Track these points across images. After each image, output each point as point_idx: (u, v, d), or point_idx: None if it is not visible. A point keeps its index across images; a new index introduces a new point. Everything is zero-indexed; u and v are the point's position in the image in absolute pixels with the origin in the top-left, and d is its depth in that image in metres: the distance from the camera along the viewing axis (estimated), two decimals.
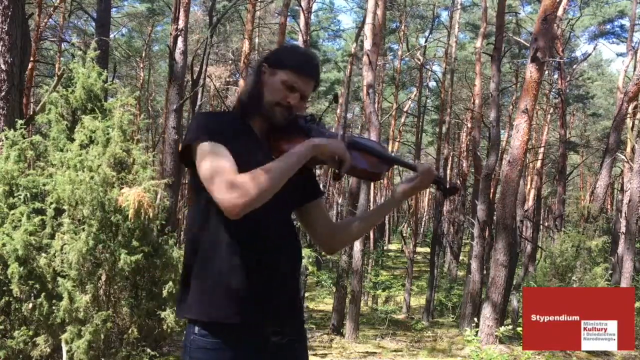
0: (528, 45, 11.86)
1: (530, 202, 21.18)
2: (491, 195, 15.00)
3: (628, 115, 14.68)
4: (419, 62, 24.11)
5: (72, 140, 4.58)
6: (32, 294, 4.26)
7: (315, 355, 8.49)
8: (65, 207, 4.30)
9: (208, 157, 1.54)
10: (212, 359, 1.57)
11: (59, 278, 4.18)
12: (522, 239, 17.84)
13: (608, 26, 24.22)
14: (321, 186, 1.93)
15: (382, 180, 24.03)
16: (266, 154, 1.65)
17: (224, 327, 1.57)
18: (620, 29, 24.10)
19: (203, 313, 1.58)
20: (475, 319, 9.45)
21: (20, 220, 4.27)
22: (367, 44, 11.41)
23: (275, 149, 1.67)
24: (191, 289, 1.61)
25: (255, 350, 1.60)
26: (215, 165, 1.51)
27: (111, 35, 20.08)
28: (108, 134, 4.45)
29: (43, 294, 4.20)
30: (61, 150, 4.57)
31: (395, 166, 1.98)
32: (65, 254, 4.18)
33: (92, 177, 4.20)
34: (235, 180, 1.48)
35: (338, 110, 23.08)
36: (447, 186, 1.89)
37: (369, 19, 11.49)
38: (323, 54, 29.33)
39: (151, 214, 4.25)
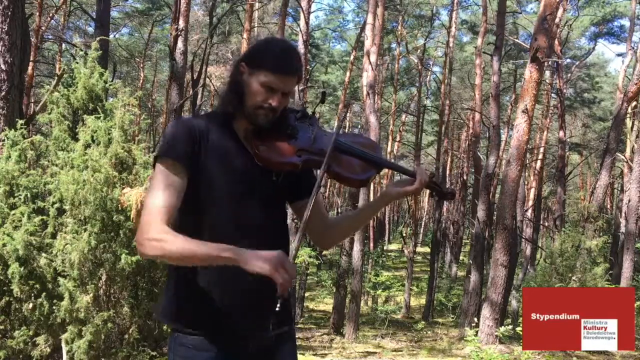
0: (527, 45, 11.86)
1: (530, 202, 21.18)
2: (491, 195, 15.00)
3: (628, 116, 14.69)
4: (418, 62, 24.11)
5: (75, 139, 4.57)
6: (33, 294, 4.26)
7: (315, 354, 8.49)
8: (67, 207, 4.29)
9: (152, 187, 1.56)
10: (195, 356, 1.58)
11: (59, 278, 4.18)
12: (522, 239, 17.84)
13: (607, 26, 24.21)
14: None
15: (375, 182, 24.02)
16: (248, 158, 1.63)
17: (202, 328, 1.59)
18: (619, 29, 24.11)
19: (172, 320, 1.64)
20: (475, 319, 9.45)
21: (20, 220, 4.26)
22: (367, 44, 11.42)
23: (255, 154, 1.62)
24: (165, 293, 1.68)
25: (237, 349, 1.60)
26: (151, 199, 1.54)
27: (111, 36, 20.10)
28: (109, 134, 4.45)
29: (43, 294, 4.19)
30: (63, 150, 4.56)
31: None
32: (66, 254, 4.18)
33: (95, 177, 4.20)
34: (150, 229, 1.49)
35: (338, 112, 23.08)
36: (443, 191, 1.82)
37: (369, 19, 11.51)
38: (329, 56, 29.32)
39: None
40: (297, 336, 1.83)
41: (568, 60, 23.79)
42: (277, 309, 1.41)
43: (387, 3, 16.51)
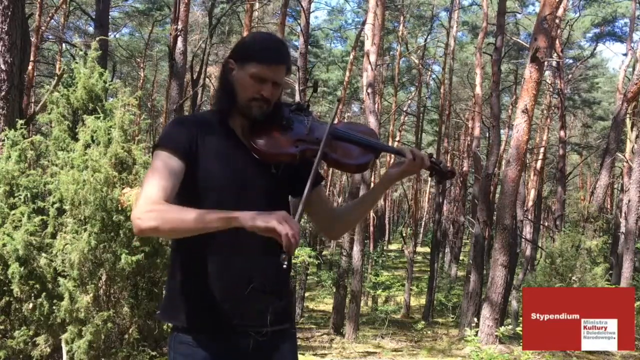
0: (527, 45, 11.85)
1: (530, 202, 21.17)
2: (491, 195, 15.00)
3: (627, 116, 14.69)
4: (419, 62, 24.12)
5: (75, 139, 4.57)
6: (33, 294, 4.26)
7: (315, 355, 8.50)
8: (67, 207, 4.29)
9: (150, 171, 1.56)
10: (195, 354, 1.59)
11: (59, 278, 4.17)
12: (522, 239, 17.85)
13: (609, 27, 24.17)
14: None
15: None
16: (246, 153, 1.63)
17: (202, 326, 1.60)
18: (620, 30, 24.08)
19: (171, 317, 1.65)
20: (475, 319, 9.45)
21: (20, 220, 4.26)
22: (367, 44, 11.43)
23: (253, 148, 1.63)
24: (165, 292, 1.70)
25: (237, 346, 1.60)
26: (148, 181, 1.53)
27: (111, 36, 20.10)
28: (109, 134, 4.45)
29: (43, 294, 4.19)
30: (63, 150, 4.56)
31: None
32: (66, 253, 4.18)
33: (95, 177, 4.20)
34: (146, 203, 1.47)
35: (338, 112, 23.09)
36: (443, 170, 1.82)
37: (369, 19, 11.51)
38: (330, 55, 29.30)
39: None
40: (297, 336, 1.83)
41: (568, 60, 23.76)
42: (284, 265, 1.38)
43: (387, 3, 16.50)
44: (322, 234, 1.94)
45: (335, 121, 1.81)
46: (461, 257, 26.04)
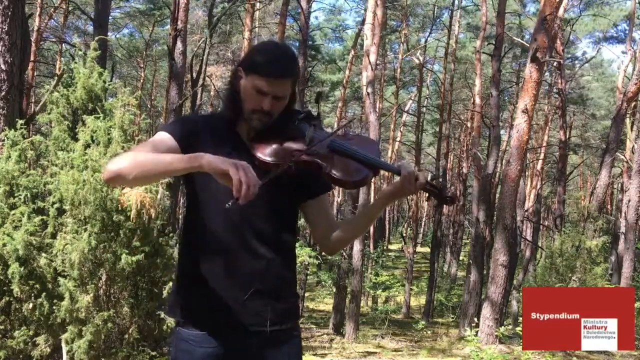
0: (528, 45, 11.85)
1: (530, 202, 21.17)
2: (491, 195, 15.00)
3: (627, 115, 14.69)
4: (419, 62, 24.12)
5: (75, 139, 4.58)
6: (33, 294, 4.26)
7: (315, 354, 8.50)
8: (67, 207, 4.29)
9: (142, 143, 1.60)
10: (195, 351, 1.61)
11: (60, 278, 4.18)
12: (522, 239, 17.85)
13: (612, 30, 24.10)
14: None
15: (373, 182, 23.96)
16: (248, 159, 1.60)
17: (200, 323, 1.62)
18: (624, 33, 24.00)
19: (174, 314, 1.69)
20: (475, 319, 9.45)
21: (20, 220, 4.27)
22: (367, 43, 11.43)
23: (253, 154, 1.62)
24: (172, 288, 1.73)
25: (236, 345, 1.62)
26: (136, 148, 1.57)
27: (112, 36, 20.10)
28: (109, 134, 4.45)
29: (43, 294, 4.19)
30: (63, 150, 4.56)
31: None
32: (66, 254, 4.18)
33: (95, 177, 4.20)
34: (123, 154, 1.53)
35: (338, 111, 23.10)
36: (442, 195, 1.71)
37: (368, 19, 11.51)
38: (329, 55, 29.29)
39: (153, 214, 4.26)
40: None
41: (568, 61, 23.74)
42: (227, 206, 1.38)
43: (387, 3, 16.50)
44: (319, 246, 1.90)
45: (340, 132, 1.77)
46: (461, 257, 26.05)
